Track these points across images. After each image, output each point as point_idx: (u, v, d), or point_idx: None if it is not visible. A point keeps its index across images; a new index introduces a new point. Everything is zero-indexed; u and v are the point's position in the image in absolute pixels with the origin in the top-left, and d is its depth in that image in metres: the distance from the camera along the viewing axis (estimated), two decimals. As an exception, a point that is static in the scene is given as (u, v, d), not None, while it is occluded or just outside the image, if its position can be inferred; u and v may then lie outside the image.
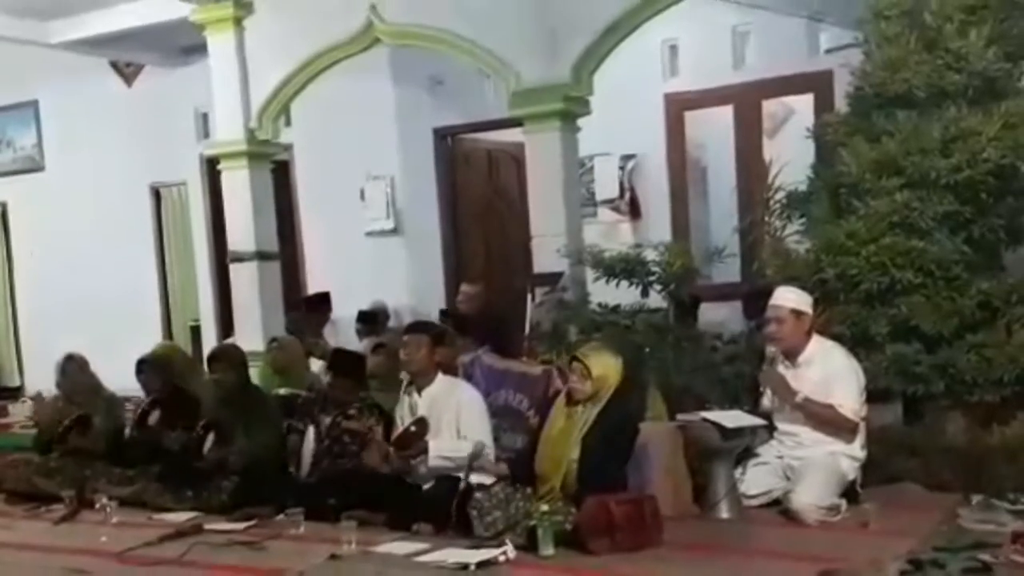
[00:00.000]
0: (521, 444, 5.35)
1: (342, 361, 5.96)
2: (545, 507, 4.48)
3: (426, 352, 5.40)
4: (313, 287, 10.17)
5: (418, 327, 5.69)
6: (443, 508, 4.79)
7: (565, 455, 4.79)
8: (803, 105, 8.13)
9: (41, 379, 9.51)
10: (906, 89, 5.81)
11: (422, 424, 5.16)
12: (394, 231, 9.89)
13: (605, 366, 4.89)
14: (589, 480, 4.66)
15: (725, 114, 8.48)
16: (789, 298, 5.21)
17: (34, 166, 11.90)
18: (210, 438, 6.00)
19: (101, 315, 10.55)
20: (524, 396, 5.67)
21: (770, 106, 8.47)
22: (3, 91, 11.67)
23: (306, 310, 8.93)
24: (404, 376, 5.55)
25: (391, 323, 8.87)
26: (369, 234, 9.91)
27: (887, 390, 5.44)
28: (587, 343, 5.44)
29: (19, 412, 9.65)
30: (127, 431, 6.53)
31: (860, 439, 5.09)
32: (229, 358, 6.33)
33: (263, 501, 5.37)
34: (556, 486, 4.76)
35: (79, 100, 11.18)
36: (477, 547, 4.40)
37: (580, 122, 7.43)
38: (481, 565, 4.23)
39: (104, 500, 5.62)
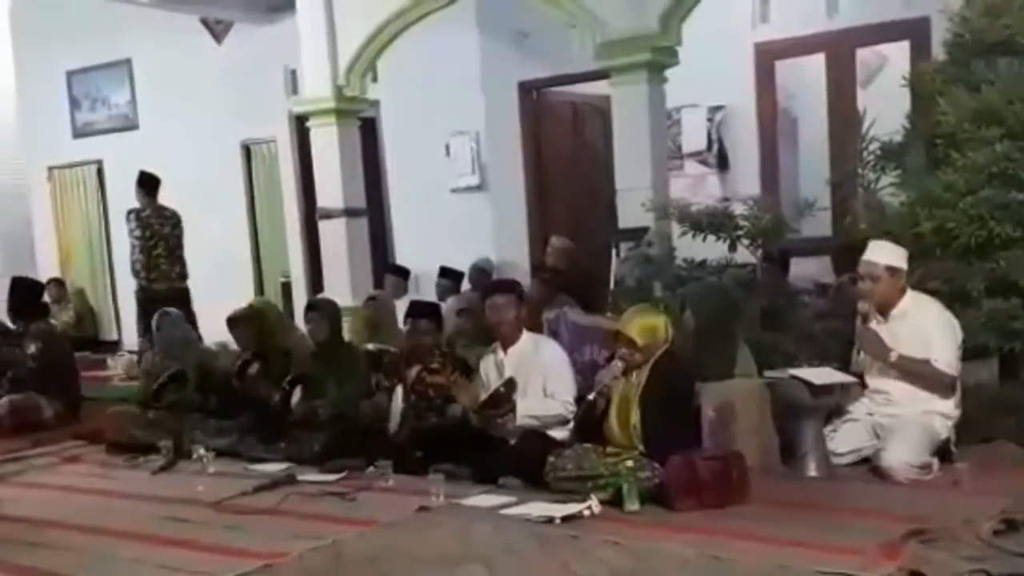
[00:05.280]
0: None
1: (418, 306, 5.99)
2: (631, 463, 4.48)
3: (516, 312, 5.43)
4: (400, 243, 10.28)
5: (504, 287, 5.67)
6: (529, 462, 4.82)
7: (629, 420, 4.75)
8: (898, 53, 7.89)
9: (137, 334, 9.80)
10: (1007, 35, 5.61)
11: (511, 384, 5.19)
12: (479, 187, 9.89)
13: (649, 330, 4.80)
14: (653, 441, 4.61)
15: (817, 63, 8.28)
16: (884, 255, 5.06)
17: (128, 124, 12.16)
18: (297, 392, 6.13)
19: (194, 271, 10.77)
20: (609, 352, 5.65)
21: (864, 54, 8.23)
22: (98, 50, 11.94)
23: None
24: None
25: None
26: (455, 190, 9.94)
27: (983, 347, 5.29)
28: (629, 310, 5.19)
29: (118, 366, 9.94)
30: (232, 382, 6.64)
31: (955, 398, 4.97)
32: (323, 309, 6.45)
33: (353, 454, 5.46)
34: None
35: (171, 58, 11.38)
36: (563, 501, 4.42)
37: (667, 73, 7.31)
38: (566, 519, 4.25)
39: (201, 451, 5.77)
